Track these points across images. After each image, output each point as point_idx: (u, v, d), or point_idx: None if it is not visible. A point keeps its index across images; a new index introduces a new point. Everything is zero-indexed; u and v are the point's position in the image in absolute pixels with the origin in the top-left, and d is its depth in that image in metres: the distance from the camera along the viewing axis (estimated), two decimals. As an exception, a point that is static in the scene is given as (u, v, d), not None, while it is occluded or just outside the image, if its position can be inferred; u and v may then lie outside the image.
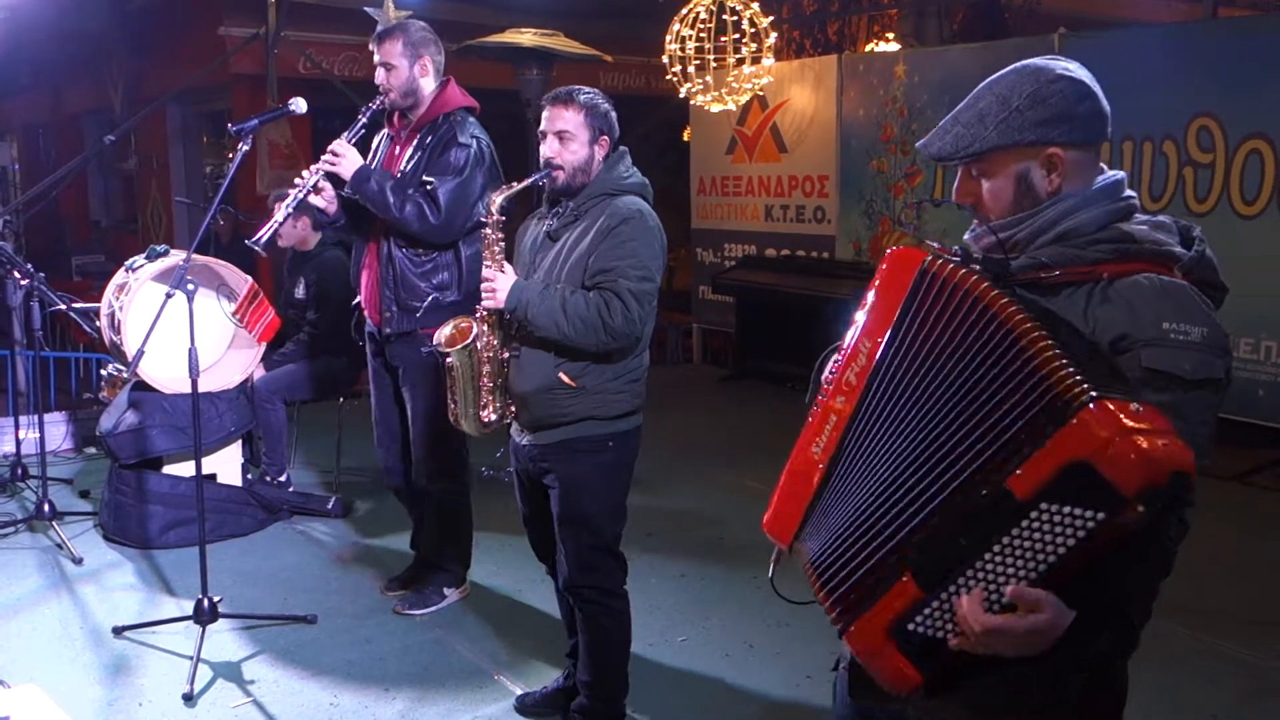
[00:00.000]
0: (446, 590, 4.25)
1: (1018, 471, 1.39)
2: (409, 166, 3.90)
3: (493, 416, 3.15)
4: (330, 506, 5.39)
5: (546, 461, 3.13)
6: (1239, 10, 9.44)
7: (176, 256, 5.02)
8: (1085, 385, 1.38)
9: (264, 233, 3.73)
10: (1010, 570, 1.41)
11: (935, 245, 1.63)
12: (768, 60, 6.97)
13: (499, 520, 5.12)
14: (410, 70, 3.88)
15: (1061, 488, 1.36)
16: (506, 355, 3.10)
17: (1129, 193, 1.69)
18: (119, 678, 3.71)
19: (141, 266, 5.04)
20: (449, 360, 3.12)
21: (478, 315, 3.10)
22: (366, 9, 8.01)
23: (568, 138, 3.05)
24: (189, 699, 3.53)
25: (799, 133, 8.43)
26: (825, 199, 8.26)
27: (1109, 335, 1.54)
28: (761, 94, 8.08)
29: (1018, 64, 1.71)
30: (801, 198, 8.46)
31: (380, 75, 3.89)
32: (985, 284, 1.50)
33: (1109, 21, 9.61)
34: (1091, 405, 1.36)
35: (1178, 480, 1.34)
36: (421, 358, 3.94)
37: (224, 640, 3.96)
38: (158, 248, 5.19)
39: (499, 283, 3.04)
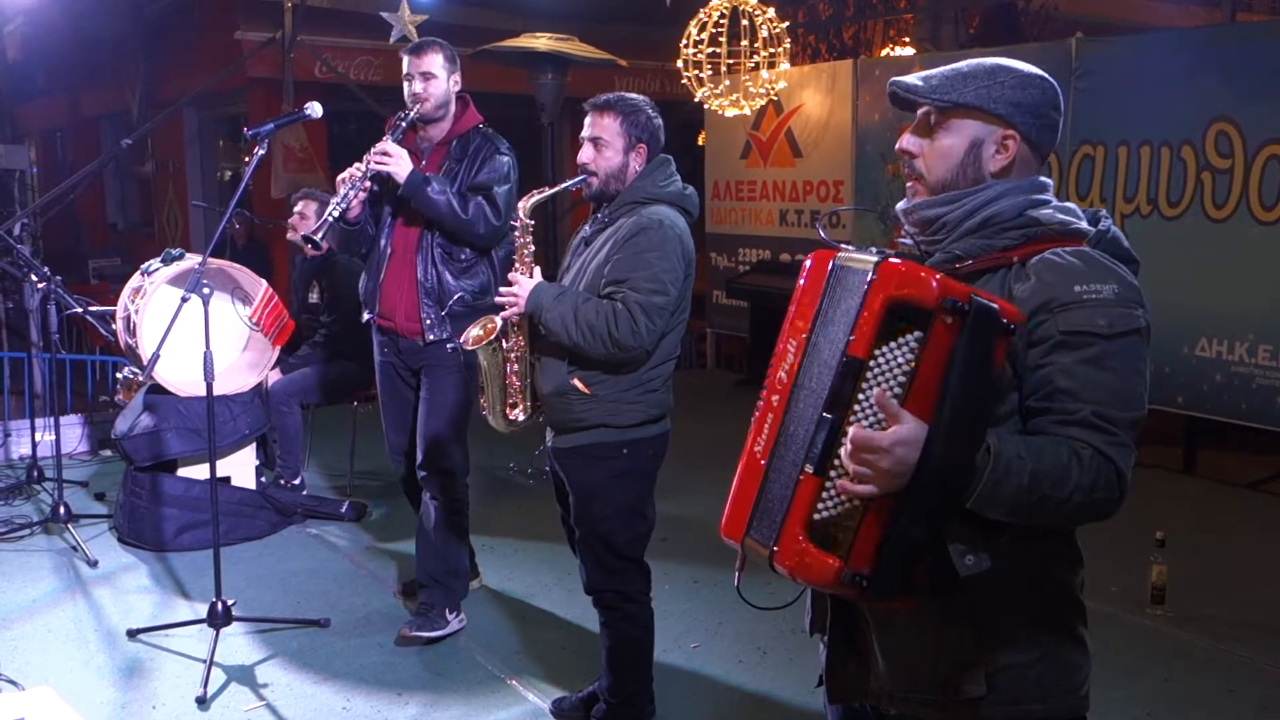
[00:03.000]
0: (448, 614, 4.05)
1: (851, 338, 1.58)
2: (442, 175, 3.91)
3: (521, 415, 3.20)
4: (344, 510, 5.39)
5: (564, 466, 3.17)
6: (1257, 15, 9.39)
7: (192, 260, 5.04)
8: (876, 252, 1.61)
9: (319, 228, 3.75)
10: (873, 418, 1.56)
11: (850, 247, 1.71)
12: (783, 65, 6.96)
13: (513, 524, 5.11)
14: (448, 83, 3.91)
15: (885, 330, 1.56)
16: (536, 356, 3.12)
17: (1049, 195, 1.77)
18: (133, 680, 3.72)
19: (157, 270, 5.05)
20: (479, 359, 3.17)
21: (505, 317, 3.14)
22: (383, 14, 8.04)
23: (602, 144, 3.08)
24: (202, 702, 3.54)
25: (814, 137, 8.41)
26: (840, 204, 8.23)
27: (1029, 308, 1.63)
28: (776, 98, 8.07)
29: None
30: (816, 202, 8.44)
31: (418, 85, 3.87)
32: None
33: (1126, 26, 9.58)
34: (882, 261, 1.58)
35: (984, 306, 1.53)
36: (448, 359, 3.95)
37: (237, 643, 3.96)
38: (173, 251, 5.21)
39: (520, 286, 3.08)
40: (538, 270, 3.15)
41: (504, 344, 3.17)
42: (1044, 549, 1.70)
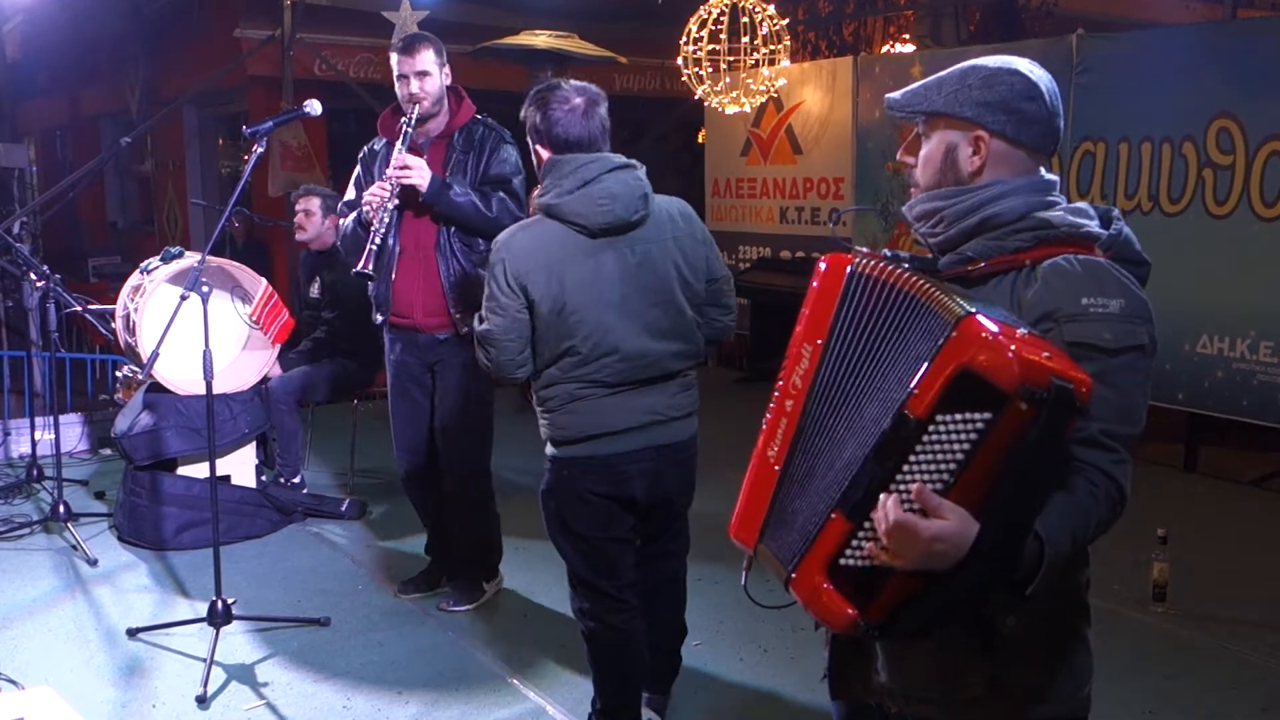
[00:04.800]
0: (485, 585, 4.30)
1: (914, 392, 1.50)
2: (452, 171, 3.93)
3: None
4: (344, 509, 5.39)
5: None
6: (1259, 11, 9.37)
7: (191, 258, 5.03)
8: (963, 305, 1.50)
9: (365, 260, 3.79)
10: (922, 483, 1.50)
11: (864, 249, 1.70)
12: (783, 62, 6.95)
13: (515, 523, 5.10)
14: (440, 78, 3.90)
15: (952, 398, 1.46)
16: None
17: (1057, 196, 1.75)
18: (133, 679, 3.72)
19: (156, 268, 5.05)
20: None
21: None
22: (383, 13, 8.03)
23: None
24: (202, 701, 3.53)
25: (814, 135, 8.40)
26: (840, 201, 8.22)
27: (1034, 315, 1.63)
28: (776, 96, 8.06)
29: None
30: (817, 199, 8.43)
31: (414, 84, 3.87)
32: (909, 275, 1.60)
33: (1127, 23, 9.55)
34: (967, 318, 1.48)
35: (1063, 390, 1.42)
36: (464, 353, 3.97)
37: (238, 642, 3.96)
38: (173, 249, 5.20)
39: None
40: None
41: None
42: None
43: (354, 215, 4.01)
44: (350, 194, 4.16)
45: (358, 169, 4.17)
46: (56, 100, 14.42)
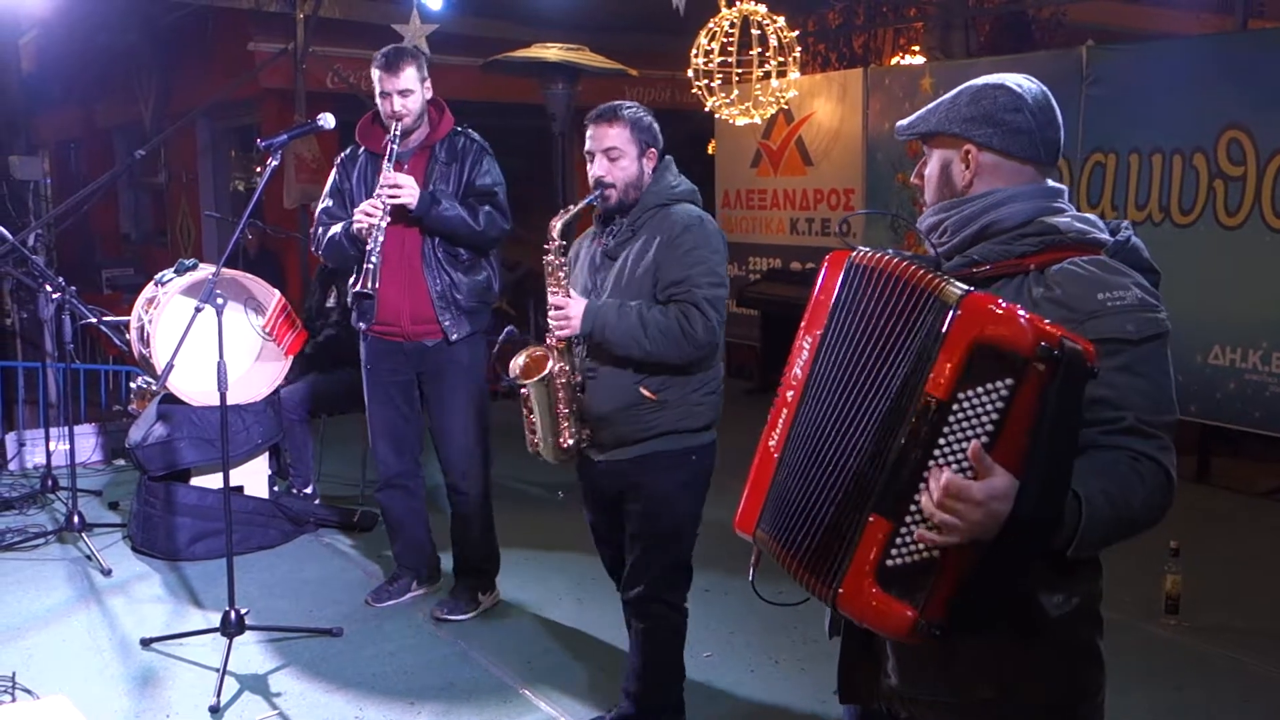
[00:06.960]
0: (481, 596, 4.33)
1: (931, 376, 1.52)
2: (435, 182, 3.97)
3: (570, 442, 3.11)
4: (356, 519, 5.40)
5: (630, 477, 3.12)
6: (1269, 22, 9.36)
7: (205, 270, 5.06)
8: (960, 286, 1.54)
9: (368, 280, 3.84)
10: (955, 464, 1.51)
11: (865, 249, 1.75)
12: (793, 74, 6.97)
13: (526, 534, 5.11)
14: (422, 93, 3.99)
15: (971, 373, 1.49)
16: (580, 379, 3.06)
17: (1064, 203, 1.79)
18: (146, 689, 3.73)
19: (170, 280, 5.08)
20: (524, 391, 3.09)
21: (549, 344, 3.06)
22: (394, 26, 8.07)
23: (616, 155, 3.06)
24: (215, 711, 3.55)
25: (824, 146, 8.42)
26: (851, 212, 8.23)
27: (1055, 317, 1.63)
28: (786, 107, 8.07)
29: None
30: (827, 210, 8.44)
31: (397, 102, 3.92)
32: (903, 263, 1.64)
33: (1138, 34, 9.55)
34: (968, 296, 1.52)
35: (1075, 351, 1.46)
36: (465, 361, 4.04)
37: (250, 652, 3.97)
38: (186, 261, 5.23)
39: (571, 309, 3.00)
40: (574, 292, 3.08)
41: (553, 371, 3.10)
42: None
43: (341, 227, 4.02)
44: (327, 201, 4.18)
45: (334, 175, 4.20)
46: (70, 113, 14.52)
